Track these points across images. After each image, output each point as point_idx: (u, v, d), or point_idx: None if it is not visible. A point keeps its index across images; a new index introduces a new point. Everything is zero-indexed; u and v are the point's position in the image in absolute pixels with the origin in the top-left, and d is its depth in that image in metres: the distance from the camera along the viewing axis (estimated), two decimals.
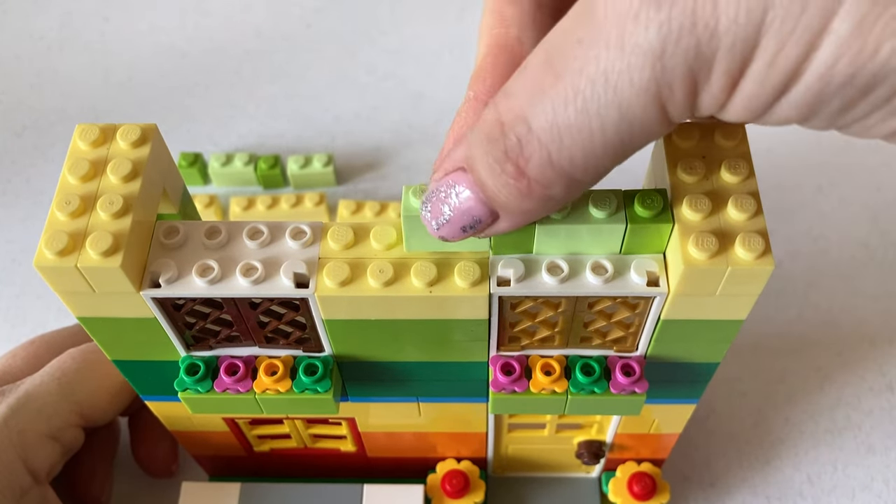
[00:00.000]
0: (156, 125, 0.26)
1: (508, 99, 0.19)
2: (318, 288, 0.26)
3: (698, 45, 0.16)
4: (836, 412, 0.45)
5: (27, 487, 0.33)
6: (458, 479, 0.38)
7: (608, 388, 0.29)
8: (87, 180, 0.25)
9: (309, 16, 0.63)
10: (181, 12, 0.64)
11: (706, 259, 0.24)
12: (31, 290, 0.50)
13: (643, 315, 0.27)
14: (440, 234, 0.23)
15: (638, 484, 0.38)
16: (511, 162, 0.20)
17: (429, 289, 0.25)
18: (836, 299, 0.49)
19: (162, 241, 0.26)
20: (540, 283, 0.25)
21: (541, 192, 0.20)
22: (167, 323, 0.27)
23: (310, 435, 0.37)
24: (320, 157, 0.53)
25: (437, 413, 0.34)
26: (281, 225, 0.26)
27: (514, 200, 0.21)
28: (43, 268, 0.24)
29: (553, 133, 0.19)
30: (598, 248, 0.26)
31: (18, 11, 0.64)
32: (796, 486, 0.43)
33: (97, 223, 0.24)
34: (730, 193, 0.24)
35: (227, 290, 0.26)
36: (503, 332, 0.28)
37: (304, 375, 0.29)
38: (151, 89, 0.60)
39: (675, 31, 0.16)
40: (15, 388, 0.35)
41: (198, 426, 0.35)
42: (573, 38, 0.18)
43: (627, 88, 0.17)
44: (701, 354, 0.29)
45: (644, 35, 0.17)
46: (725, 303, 0.25)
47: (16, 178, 0.55)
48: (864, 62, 0.16)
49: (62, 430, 0.35)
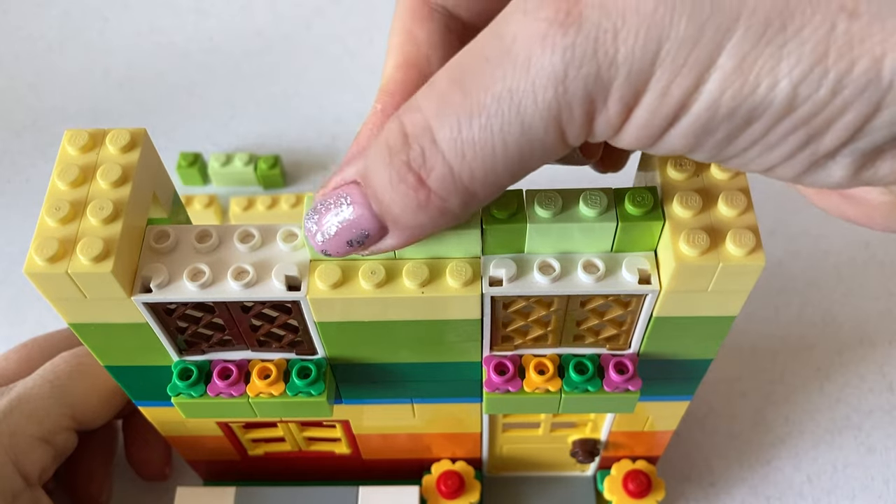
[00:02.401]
0: (145, 130, 0.26)
1: (414, 112, 0.20)
2: (310, 290, 0.25)
3: (598, 71, 0.17)
4: (836, 412, 0.45)
5: (19, 491, 0.33)
6: (454, 479, 0.38)
7: (602, 386, 0.29)
8: (77, 186, 0.25)
9: (309, 16, 0.63)
10: (181, 12, 0.64)
11: (697, 255, 0.24)
12: (31, 290, 0.49)
13: (635, 312, 0.27)
14: (323, 247, 0.23)
15: (633, 482, 0.38)
16: (413, 173, 0.20)
17: (421, 289, 0.25)
18: (836, 299, 0.48)
19: (153, 246, 0.26)
20: (532, 282, 0.25)
21: (438, 204, 0.20)
22: (159, 328, 0.27)
23: (304, 438, 0.37)
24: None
25: (431, 414, 0.34)
26: (272, 228, 0.26)
27: (409, 212, 0.21)
28: (33, 274, 0.24)
29: (457, 147, 0.19)
30: (590, 246, 0.26)
31: (18, 11, 0.64)
32: (796, 486, 0.43)
33: (87, 229, 0.24)
34: (720, 190, 0.24)
35: (218, 293, 0.26)
36: (496, 332, 0.28)
37: (297, 378, 0.29)
38: (151, 89, 0.60)
39: (579, 57, 0.17)
40: (7, 390, 0.35)
41: (192, 431, 0.35)
42: (482, 56, 0.18)
43: (531, 108, 0.18)
44: (694, 351, 0.29)
45: (549, 58, 0.17)
46: (717, 299, 0.25)
47: (16, 178, 0.55)
48: (745, 96, 0.17)
49: (54, 434, 0.35)
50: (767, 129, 0.18)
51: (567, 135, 0.19)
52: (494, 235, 0.25)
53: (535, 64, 0.17)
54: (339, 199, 0.22)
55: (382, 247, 0.22)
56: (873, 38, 0.16)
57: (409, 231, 0.22)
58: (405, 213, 0.21)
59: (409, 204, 0.21)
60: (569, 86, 0.17)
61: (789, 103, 0.17)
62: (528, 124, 0.18)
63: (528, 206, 0.25)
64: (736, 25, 0.16)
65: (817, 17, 0.16)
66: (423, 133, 0.19)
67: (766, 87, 0.17)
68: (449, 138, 0.19)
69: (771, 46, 0.16)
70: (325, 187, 0.23)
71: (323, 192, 0.22)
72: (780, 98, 0.17)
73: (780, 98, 0.17)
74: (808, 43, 0.16)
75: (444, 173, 0.20)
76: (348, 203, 0.22)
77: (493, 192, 0.20)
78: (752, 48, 0.16)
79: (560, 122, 0.18)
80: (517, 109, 0.18)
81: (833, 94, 0.17)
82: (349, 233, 0.22)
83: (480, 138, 0.19)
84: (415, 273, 0.25)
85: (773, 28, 0.16)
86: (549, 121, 0.18)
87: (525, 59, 0.18)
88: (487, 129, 0.18)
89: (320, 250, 0.23)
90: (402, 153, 0.20)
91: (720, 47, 0.17)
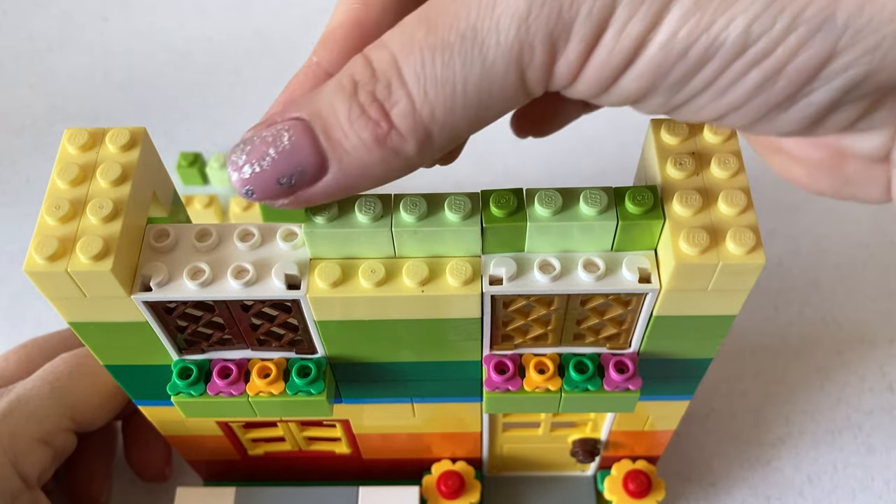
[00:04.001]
0: (145, 128, 0.26)
1: (381, 48, 0.20)
2: (310, 289, 0.25)
3: (560, 10, 0.18)
4: (836, 412, 0.45)
5: (18, 492, 0.33)
6: (454, 479, 0.38)
7: (602, 385, 0.29)
8: (77, 184, 0.25)
9: (309, 16, 0.63)
10: (181, 12, 0.64)
11: (697, 254, 0.24)
12: (31, 289, 0.49)
13: (636, 312, 0.27)
14: (249, 183, 0.21)
15: (633, 481, 0.38)
16: (377, 104, 0.20)
17: (421, 288, 0.25)
18: (836, 299, 0.48)
19: (152, 245, 0.26)
20: (532, 281, 0.25)
21: (395, 142, 0.20)
22: (159, 326, 0.27)
23: (304, 437, 0.37)
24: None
25: (431, 413, 0.34)
26: (272, 227, 0.26)
27: (362, 149, 0.20)
28: (33, 273, 0.24)
29: (420, 83, 0.19)
30: (590, 245, 0.25)
31: (18, 11, 0.64)
32: (796, 486, 0.43)
33: (87, 227, 0.24)
34: (720, 189, 0.24)
35: (218, 292, 0.25)
36: (496, 331, 0.28)
37: (297, 377, 0.29)
38: (151, 89, 0.60)
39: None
40: (7, 391, 0.35)
41: (191, 430, 0.35)
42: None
43: (493, 47, 0.18)
44: (694, 350, 0.29)
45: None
46: (717, 298, 0.25)
47: (15, 178, 0.55)
48: (698, 34, 0.17)
49: (54, 435, 0.35)
50: (721, 70, 0.18)
51: (527, 79, 0.19)
52: (494, 234, 0.25)
53: (500, 3, 0.18)
54: (279, 131, 0.21)
55: (313, 192, 0.21)
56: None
57: (352, 172, 0.21)
58: (357, 148, 0.20)
59: (365, 138, 0.20)
60: (531, 24, 0.18)
61: (743, 42, 0.17)
62: (489, 63, 0.18)
63: (528, 204, 0.25)
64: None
65: None
66: (389, 67, 0.19)
67: (722, 24, 0.17)
68: (413, 74, 0.19)
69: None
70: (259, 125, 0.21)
71: (257, 127, 0.21)
72: (734, 35, 0.17)
73: (735, 35, 0.17)
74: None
75: (407, 109, 0.20)
76: (290, 136, 0.21)
77: (449, 139, 0.20)
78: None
79: (521, 63, 0.18)
80: (480, 48, 0.18)
81: (786, 32, 0.17)
82: (284, 166, 0.21)
83: (443, 76, 0.19)
84: (415, 272, 0.25)
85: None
86: (510, 61, 0.18)
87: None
88: (450, 67, 0.19)
89: (243, 187, 0.21)
90: (369, 85, 0.20)
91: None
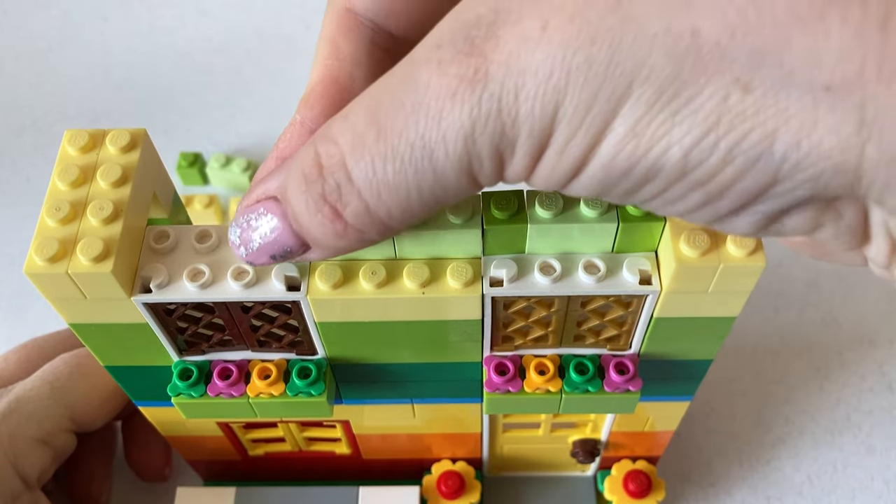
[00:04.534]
0: (145, 130, 0.26)
1: (329, 144, 0.20)
2: (310, 291, 0.25)
3: (503, 129, 0.18)
4: (836, 412, 0.45)
5: (18, 492, 0.33)
6: (454, 479, 0.38)
7: (602, 386, 0.29)
8: (77, 186, 0.25)
9: (309, 16, 0.63)
10: (181, 12, 0.64)
11: (698, 256, 0.24)
12: (31, 289, 0.49)
13: (636, 313, 0.27)
14: (248, 259, 0.23)
15: (633, 482, 0.38)
16: (329, 205, 0.20)
17: (422, 290, 0.25)
18: (836, 299, 0.48)
19: (152, 246, 0.26)
20: (533, 282, 0.25)
21: (355, 235, 0.21)
22: (159, 328, 0.27)
23: (304, 438, 0.37)
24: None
25: (431, 414, 0.34)
26: None
27: (328, 238, 0.21)
28: (33, 275, 0.24)
29: (372, 187, 0.19)
30: (591, 246, 0.25)
31: (18, 11, 0.64)
32: (796, 486, 0.43)
33: (87, 229, 0.24)
34: None
35: (218, 294, 0.25)
36: (496, 333, 0.28)
37: (297, 378, 0.29)
38: (151, 89, 0.60)
39: (484, 114, 0.18)
40: (6, 392, 0.35)
41: (192, 431, 0.35)
42: (397, 100, 0.19)
43: (443, 158, 0.19)
44: (694, 352, 0.29)
45: (458, 115, 0.18)
46: (718, 300, 0.25)
47: (15, 178, 0.55)
48: (638, 158, 0.18)
49: (53, 435, 0.35)
50: (665, 188, 0.18)
51: (479, 180, 0.19)
52: (495, 236, 0.25)
53: (445, 118, 0.18)
54: (259, 216, 0.22)
55: (307, 258, 0.23)
56: (766, 112, 0.16)
57: (333, 251, 0.22)
58: (324, 237, 0.21)
59: (327, 231, 0.21)
60: (477, 139, 0.18)
61: (682, 168, 0.17)
62: (440, 171, 0.19)
63: (528, 206, 0.25)
64: (629, 92, 0.17)
65: (710, 88, 0.16)
66: (338, 168, 0.20)
67: (658, 151, 0.17)
68: (364, 178, 0.19)
69: (664, 113, 0.17)
70: (247, 198, 0.23)
71: (245, 204, 0.22)
72: (671, 162, 0.17)
73: (672, 162, 0.17)
74: (701, 112, 0.17)
75: (361, 209, 0.20)
76: (269, 220, 0.22)
77: (412, 223, 0.21)
78: (644, 114, 0.17)
79: (471, 170, 0.19)
80: (430, 158, 0.19)
81: (724, 163, 0.17)
82: (271, 248, 0.22)
83: (395, 182, 0.19)
84: (415, 273, 0.25)
85: (667, 95, 0.17)
86: (460, 170, 0.19)
87: (437, 112, 0.18)
88: (402, 174, 0.19)
89: (245, 262, 0.23)
90: (317, 184, 0.20)
91: (615, 112, 0.17)
